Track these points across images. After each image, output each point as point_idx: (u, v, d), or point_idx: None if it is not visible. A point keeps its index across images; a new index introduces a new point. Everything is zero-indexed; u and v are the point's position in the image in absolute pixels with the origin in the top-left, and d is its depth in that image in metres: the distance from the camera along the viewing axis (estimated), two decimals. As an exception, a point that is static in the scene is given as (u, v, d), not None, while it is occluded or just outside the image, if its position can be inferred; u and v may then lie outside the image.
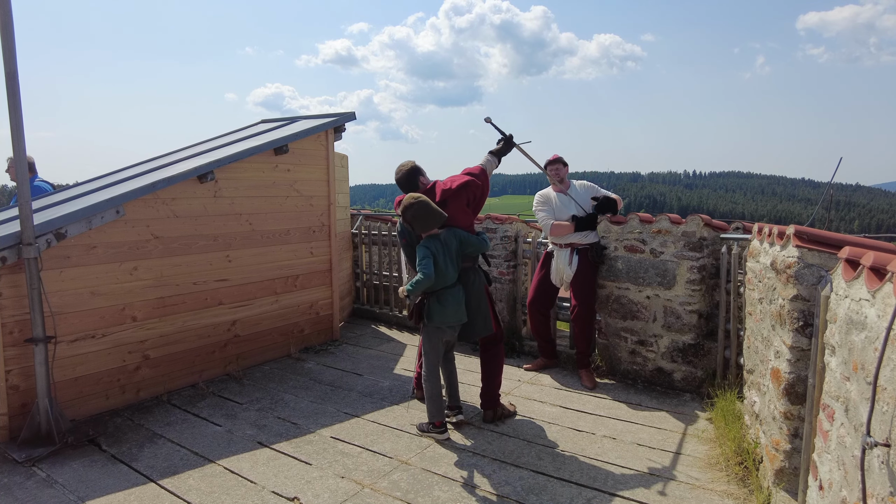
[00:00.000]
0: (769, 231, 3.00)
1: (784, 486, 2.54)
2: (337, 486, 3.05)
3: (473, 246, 3.64)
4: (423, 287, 3.42)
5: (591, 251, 4.60)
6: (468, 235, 3.65)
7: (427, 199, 3.52)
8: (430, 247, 3.50)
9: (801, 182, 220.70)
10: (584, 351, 4.68)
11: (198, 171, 4.40)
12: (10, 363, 3.48)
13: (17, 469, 3.21)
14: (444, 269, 3.49)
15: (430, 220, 3.49)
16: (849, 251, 2.01)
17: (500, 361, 3.90)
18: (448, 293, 3.54)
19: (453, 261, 3.55)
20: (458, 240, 3.59)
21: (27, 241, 3.39)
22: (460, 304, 3.58)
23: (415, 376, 4.32)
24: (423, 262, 3.44)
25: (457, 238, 3.59)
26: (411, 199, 3.50)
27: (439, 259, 3.48)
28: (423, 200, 3.49)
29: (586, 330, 4.64)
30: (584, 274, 4.58)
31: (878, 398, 1.51)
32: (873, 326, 1.62)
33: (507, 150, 4.07)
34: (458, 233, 3.61)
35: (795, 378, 2.47)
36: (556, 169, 4.71)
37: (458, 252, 3.59)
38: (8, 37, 3.27)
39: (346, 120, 5.84)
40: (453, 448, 3.48)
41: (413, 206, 3.48)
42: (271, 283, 5.17)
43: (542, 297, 4.82)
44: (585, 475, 3.13)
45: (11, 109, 3.36)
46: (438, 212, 3.51)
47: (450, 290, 3.55)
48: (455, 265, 3.57)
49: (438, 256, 3.48)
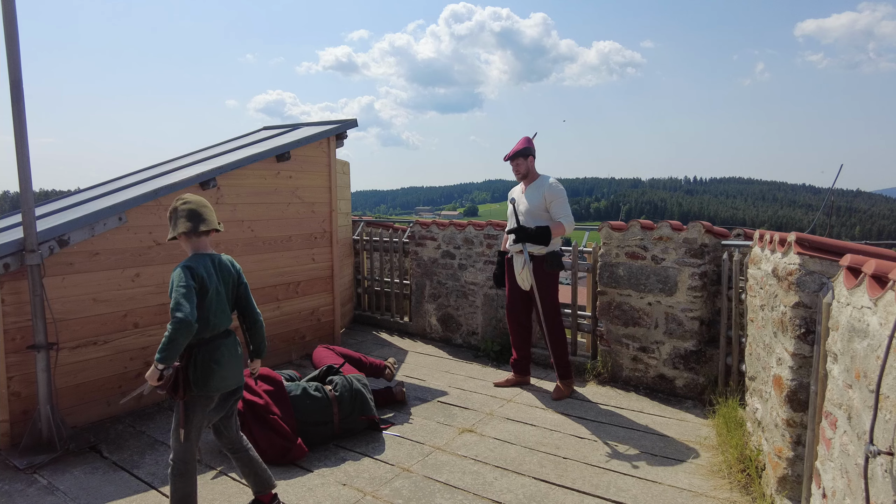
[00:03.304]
0: (770, 238, 3.01)
1: (787, 493, 2.53)
2: (338, 493, 3.04)
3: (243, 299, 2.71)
4: (184, 342, 2.35)
5: (546, 260, 4.26)
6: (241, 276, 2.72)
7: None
8: (194, 267, 2.50)
9: (801, 188, 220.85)
10: (557, 361, 4.41)
11: (200, 178, 4.42)
12: (12, 370, 3.48)
13: (18, 476, 3.20)
14: (216, 307, 2.55)
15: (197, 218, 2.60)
16: (850, 259, 2.01)
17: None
18: (221, 345, 2.58)
19: (229, 296, 2.67)
20: (237, 273, 2.72)
21: (30, 247, 3.40)
22: (238, 360, 2.67)
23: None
24: (178, 298, 2.36)
25: (236, 271, 2.72)
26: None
27: (209, 289, 2.51)
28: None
29: (552, 339, 4.37)
30: (542, 282, 4.29)
31: (881, 406, 1.51)
32: (875, 334, 1.62)
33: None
34: (236, 266, 2.74)
35: (797, 385, 2.47)
36: (515, 164, 4.39)
37: (234, 291, 2.71)
38: (13, 46, 3.30)
39: (348, 127, 5.87)
40: (455, 455, 3.47)
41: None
42: (273, 290, 5.17)
43: (514, 304, 4.53)
44: (588, 483, 3.12)
45: (16, 117, 3.38)
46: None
47: (222, 342, 2.60)
48: (231, 305, 2.69)
49: (207, 284, 2.51)
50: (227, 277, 2.65)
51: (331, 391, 3.74)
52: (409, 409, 4.23)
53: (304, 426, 3.55)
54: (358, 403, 3.73)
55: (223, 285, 2.62)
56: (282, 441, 3.38)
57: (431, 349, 5.87)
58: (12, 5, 3.29)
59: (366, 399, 3.78)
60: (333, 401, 3.69)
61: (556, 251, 4.31)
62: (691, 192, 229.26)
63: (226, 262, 2.68)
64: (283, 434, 3.39)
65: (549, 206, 4.24)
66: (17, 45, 3.32)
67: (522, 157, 4.35)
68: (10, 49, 3.30)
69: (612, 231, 4.65)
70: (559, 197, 4.23)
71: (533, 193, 4.31)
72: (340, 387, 3.78)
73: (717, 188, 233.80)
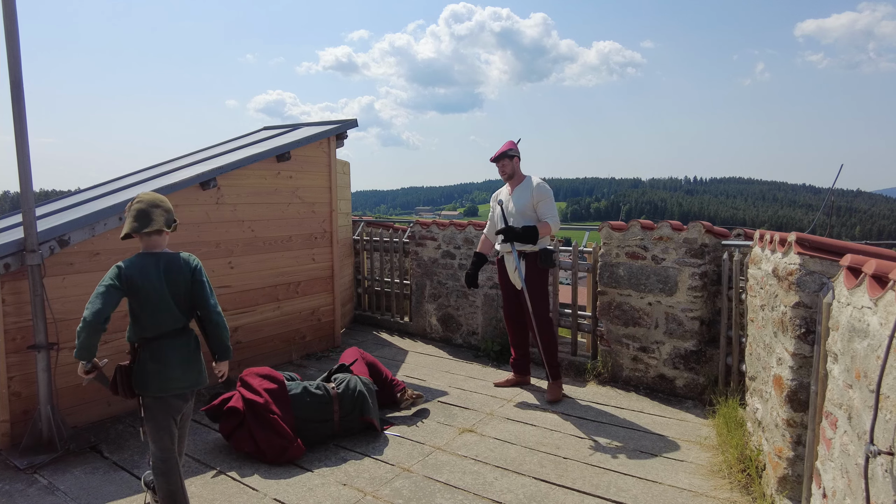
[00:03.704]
0: (771, 238, 3.01)
1: (787, 493, 2.53)
2: (339, 493, 3.04)
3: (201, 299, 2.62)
4: (89, 338, 2.44)
5: (539, 257, 4.27)
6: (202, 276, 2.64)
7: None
8: (123, 267, 2.52)
9: (801, 188, 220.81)
10: (548, 361, 4.37)
11: (200, 178, 4.42)
12: (13, 370, 3.49)
13: (18, 476, 3.20)
14: (152, 307, 2.53)
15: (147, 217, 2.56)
16: (851, 259, 2.01)
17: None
18: (166, 345, 2.56)
19: (177, 297, 2.60)
20: (191, 272, 2.63)
21: (30, 247, 3.40)
22: (190, 362, 2.61)
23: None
24: (92, 296, 2.44)
25: (191, 269, 2.63)
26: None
27: (142, 289, 2.51)
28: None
29: (543, 340, 4.33)
30: (532, 280, 4.28)
31: (882, 406, 1.51)
32: (876, 334, 1.62)
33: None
34: (192, 264, 2.65)
35: (798, 385, 2.47)
36: (501, 165, 4.44)
37: (189, 291, 2.62)
38: (13, 46, 3.30)
39: (348, 127, 5.87)
40: (455, 455, 3.47)
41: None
42: (273, 290, 5.17)
43: (510, 304, 4.54)
44: (588, 482, 3.12)
45: (16, 116, 3.38)
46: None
47: (169, 342, 2.57)
48: (180, 305, 2.61)
49: (140, 283, 2.51)
50: (175, 277, 2.59)
51: (333, 388, 3.73)
52: (418, 410, 4.22)
53: (304, 423, 3.54)
54: (359, 403, 3.72)
55: (167, 285, 2.56)
56: (280, 440, 3.38)
57: (432, 349, 5.87)
58: (13, 5, 3.29)
59: (367, 400, 3.75)
60: (335, 398, 3.67)
61: (548, 248, 4.30)
62: (691, 192, 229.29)
63: (178, 261, 2.62)
64: (282, 434, 3.39)
65: (536, 205, 4.30)
66: (17, 45, 3.32)
67: (508, 159, 4.43)
68: (11, 48, 3.30)
69: (612, 231, 4.65)
70: (546, 197, 4.31)
71: (521, 194, 4.37)
72: (343, 384, 3.77)
73: (718, 188, 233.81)
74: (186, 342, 2.62)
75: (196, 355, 2.65)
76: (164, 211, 2.63)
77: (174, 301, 2.58)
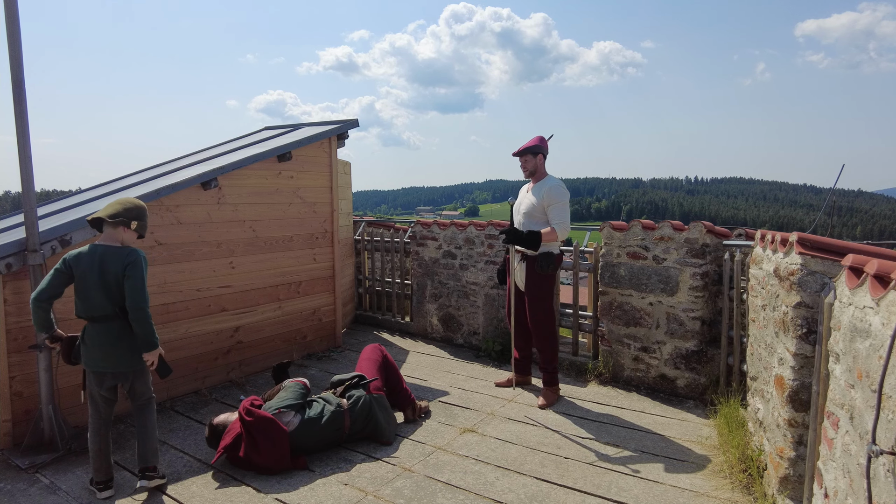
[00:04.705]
0: (772, 238, 3.00)
1: (789, 493, 2.53)
2: (340, 493, 3.04)
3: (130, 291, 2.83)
4: (36, 314, 2.84)
5: (537, 262, 4.13)
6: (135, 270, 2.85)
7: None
8: (67, 254, 2.87)
9: (803, 188, 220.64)
10: (542, 366, 4.33)
11: (201, 178, 4.42)
12: (14, 370, 3.49)
13: (20, 476, 3.21)
14: (81, 292, 2.84)
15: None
16: (852, 259, 2.01)
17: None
18: (92, 328, 2.89)
19: (107, 287, 2.84)
20: (124, 266, 2.84)
21: (32, 247, 3.40)
22: (113, 346, 2.88)
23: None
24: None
25: (125, 264, 2.84)
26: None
27: (77, 275, 2.83)
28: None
29: (539, 344, 4.29)
30: (531, 285, 4.21)
31: (884, 406, 1.51)
32: (877, 334, 1.62)
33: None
34: (129, 259, 2.86)
35: (799, 385, 2.47)
36: (523, 160, 4.28)
37: (119, 282, 2.84)
38: (15, 46, 3.31)
39: (349, 127, 5.87)
40: (456, 455, 3.48)
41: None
42: (274, 290, 5.18)
43: (512, 303, 4.44)
44: (589, 482, 3.12)
45: (18, 117, 3.39)
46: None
47: (94, 326, 2.88)
48: (110, 295, 2.84)
49: (76, 270, 2.83)
50: (107, 268, 2.83)
51: (346, 407, 3.59)
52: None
53: (313, 443, 3.44)
54: (370, 427, 3.62)
55: (99, 275, 2.82)
56: (279, 468, 3.26)
57: (433, 349, 5.87)
58: (14, 5, 3.29)
59: (379, 425, 3.63)
60: (346, 415, 3.55)
61: (550, 253, 4.12)
62: (692, 192, 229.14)
63: (115, 255, 2.85)
64: (280, 461, 3.26)
65: (546, 208, 4.12)
66: (19, 46, 3.33)
67: (531, 154, 4.22)
68: (12, 49, 3.31)
69: (613, 231, 4.65)
70: (559, 201, 4.11)
71: (535, 192, 4.22)
72: (357, 407, 3.61)
73: (719, 188, 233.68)
74: (109, 328, 2.87)
75: (120, 342, 2.88)
76: (124, 209, 2.93)
77: (103, 290, 2.83)
